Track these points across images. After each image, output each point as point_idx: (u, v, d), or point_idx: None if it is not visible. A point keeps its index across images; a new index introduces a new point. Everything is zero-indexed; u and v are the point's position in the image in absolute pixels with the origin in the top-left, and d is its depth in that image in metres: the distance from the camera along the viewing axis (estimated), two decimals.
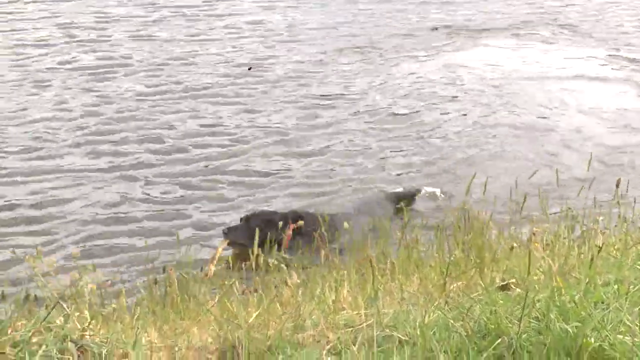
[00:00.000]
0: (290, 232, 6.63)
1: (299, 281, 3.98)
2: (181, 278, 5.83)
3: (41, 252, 3.35)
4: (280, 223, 6.87)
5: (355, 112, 11.10)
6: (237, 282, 4.47)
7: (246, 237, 7.04)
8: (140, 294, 5.84)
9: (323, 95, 11.70)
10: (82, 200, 8.54)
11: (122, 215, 8.30)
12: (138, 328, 3.45)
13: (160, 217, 8.28)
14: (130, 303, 4.71)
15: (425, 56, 13.58)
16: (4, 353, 3.04)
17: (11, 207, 8.33)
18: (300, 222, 6.82)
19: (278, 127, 10.53)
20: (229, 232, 7.48)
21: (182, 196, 8.70)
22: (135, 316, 4.06)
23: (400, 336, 3.37)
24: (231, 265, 5.25)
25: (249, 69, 12.67)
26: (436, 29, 14.96)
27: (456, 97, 11.83)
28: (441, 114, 11.18)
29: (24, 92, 11.42)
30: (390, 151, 9.95)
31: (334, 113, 11.08)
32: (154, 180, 9.02)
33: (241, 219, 7.72)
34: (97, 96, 11.34)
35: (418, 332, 3.33)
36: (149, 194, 8.73)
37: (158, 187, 8.87)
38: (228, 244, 6.99)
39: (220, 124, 10.60)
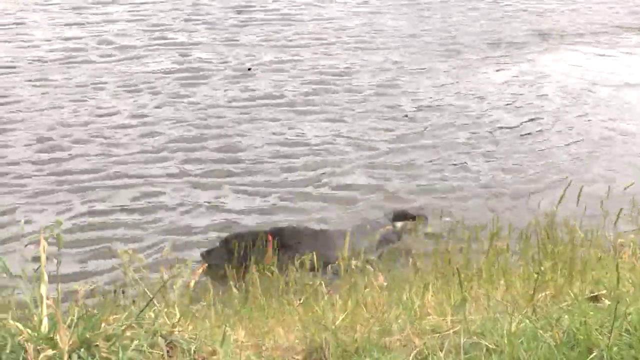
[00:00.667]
0: (269, 249, 6.63)
1: (385, 284, 3.97)
2: (264, 278, 5.90)
3: (136, 252, 3.42)
4: (260, 241, 6.78)
5: (444, 123, 10.97)
6: (322, 284, 4.49)
7: (225, 259, 6.90)
8: (224, 293, 5.91)
9: (410, 105, 11.56)
10: (165, 204, 8.71)
11: (202, 220, 8.46)
12: (226, 326, 3.48)
13: (238, 223, 8.39)
14: (215, 301, 4.76)
15: (516, 61, 13.41)
16: (97, 345, 3.11)
17: (98, 209, 8.56)
18: None
19: (364, 139, 10.42)
20: (207, 255, 7.32)
21: (261, 205, 8.78)
22: (223, 314, 4.10)
23: (487, 344, 3.33)
24: (315, 267, 5.27)
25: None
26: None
27: (547, 104, 11.65)
28: (531, 121, 11.02)
29: (112, 97, 11.60)
30: (482, 160, 9.87)
31: (422, 123, 10.95)
32: (235, 188, 9.11)
33: (220, 241, 7.52)
34: (182, 103, 11.46)
35: (505, 341, 3.29)
36: (227, 202, 8.84)
37: (237, 196, 8.96)
38: (208, 266, 6.80)
39: (302, 134, 10.56)
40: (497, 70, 13.02)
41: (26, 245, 7.11)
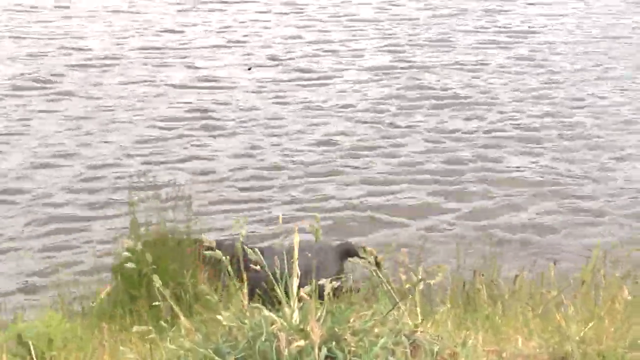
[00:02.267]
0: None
1: (629, 298, 3.87)
2: (490, 284, 5.89)
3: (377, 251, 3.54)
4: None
5: None
6: (562, 294, 4.44)
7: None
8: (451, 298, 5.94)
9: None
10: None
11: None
12: (467, 330, 3.52)
13: None
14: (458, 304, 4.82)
15: None
16: (345, 339, 3.23)
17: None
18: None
19: (570, 179, 10.10)
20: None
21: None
22: (462, 318, 4.14)
23: None
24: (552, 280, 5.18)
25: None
26: None
27: None
28: None
29: (350, 122, 11.72)
30: None
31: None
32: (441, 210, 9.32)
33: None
34: (407, 129, 11.48)
35: None
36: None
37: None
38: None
39: (510, 170, 10.39)
40: None
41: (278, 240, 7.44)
